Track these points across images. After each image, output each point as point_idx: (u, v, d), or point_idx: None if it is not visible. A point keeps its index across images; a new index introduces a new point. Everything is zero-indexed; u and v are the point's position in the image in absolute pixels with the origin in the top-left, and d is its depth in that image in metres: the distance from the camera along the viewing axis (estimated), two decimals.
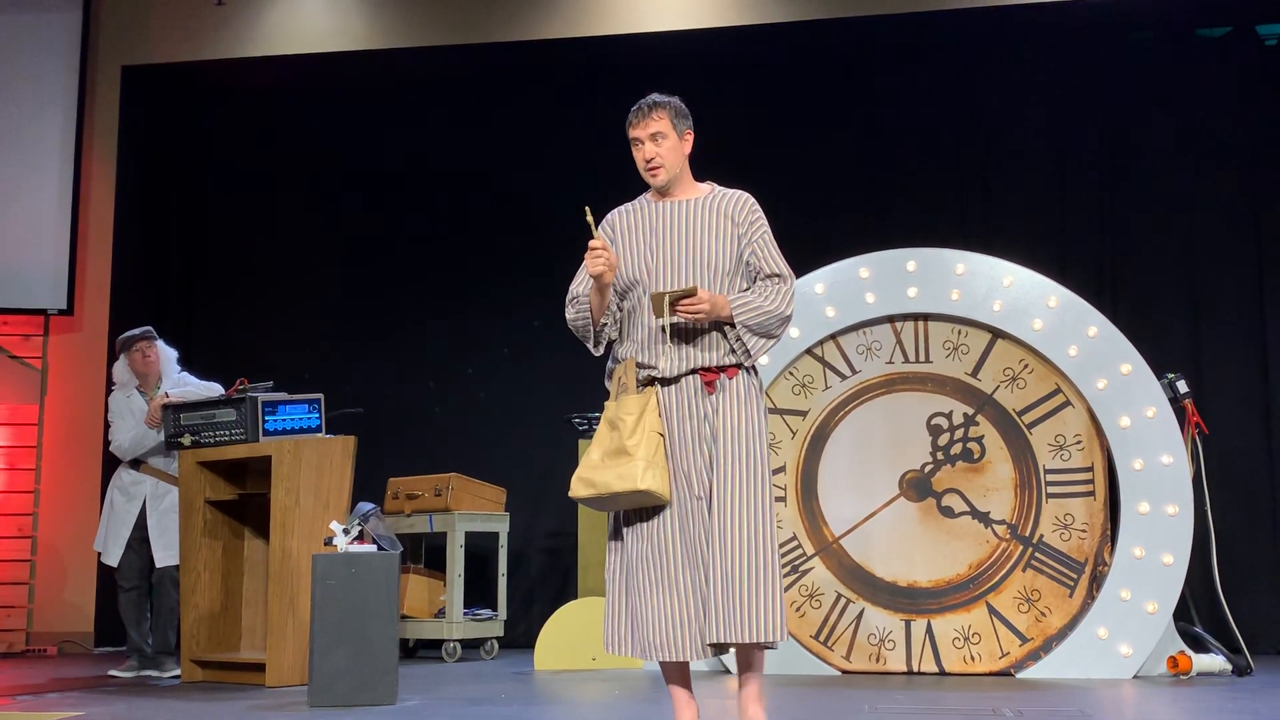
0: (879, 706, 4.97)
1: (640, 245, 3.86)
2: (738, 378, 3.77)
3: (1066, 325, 6.27)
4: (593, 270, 3.73)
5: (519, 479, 7.81)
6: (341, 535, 5.17)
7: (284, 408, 6.05)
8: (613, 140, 8.27)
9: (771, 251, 3.87)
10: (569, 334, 8.92)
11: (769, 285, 3.83)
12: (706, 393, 3.74)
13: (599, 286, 3.79)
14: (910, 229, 7.14)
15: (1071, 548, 6.16)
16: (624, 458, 3.66)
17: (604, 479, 3.68)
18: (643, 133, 3.89)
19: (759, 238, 3.86)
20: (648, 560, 3.69)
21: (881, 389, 6.42)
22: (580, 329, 3.93)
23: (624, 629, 3.74)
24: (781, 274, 3.85)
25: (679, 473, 3.71)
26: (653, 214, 3.90)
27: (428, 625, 7.22)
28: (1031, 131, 8.01)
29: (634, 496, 3.66)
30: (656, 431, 3.70)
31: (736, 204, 3.89)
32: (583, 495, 3.75)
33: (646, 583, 3.69)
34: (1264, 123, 7.75)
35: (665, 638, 3.65)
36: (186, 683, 6.11)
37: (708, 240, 3.81)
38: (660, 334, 3.75)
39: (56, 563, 8.31)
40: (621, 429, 3.69)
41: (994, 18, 7.75)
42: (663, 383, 3.77)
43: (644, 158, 3.89)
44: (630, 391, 3.76)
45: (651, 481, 3.63)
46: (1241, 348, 7.59)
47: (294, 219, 8.83)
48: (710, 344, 3.76)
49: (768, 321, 3.78)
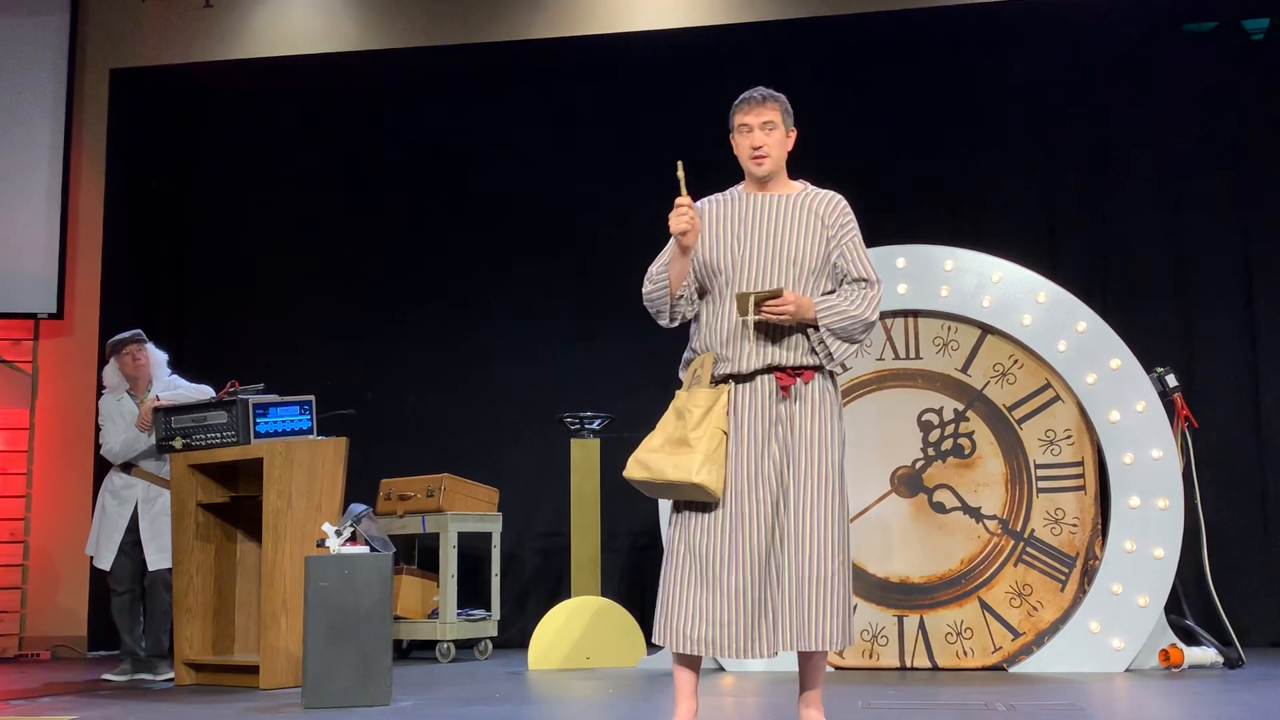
0: (873, 703, 4.98)
1: (728, 235, 3.86)
2: (814, 382, 3.78)
3: (1056, 320, 6.29)
4: (675, 227, 3.72)
5: (512, 479, 7.82)
6: (334, 537, 5.17)
7: (275, 410, 6.04)
8: (605, 138, 8.37)
9: (861, 255, 3.88)
10: (560, 334, 8.96)
11: (855, 289, 3.84)
12: (781, 396, 3.75)
13: (680, 249, 3.78)
14: (899, 226, 7.14)
15: (1063, 542, 6.18)
16: (684, 448, 3.69)
17: (660, 465, 3.71)
18: (754, 120, 3.88)
19: (848, 240, 3.88)
20: (696, 555, 3.72)
21: (872, 385, 6.43)
22: (656, 300, 3.89)
23: (670, 620, 3.74)
24: (869, 279, 3.86)
25: (741, 473, 3.71)
26: (744, 205, 3.90)
27: (421, 626, 7.22)
28: (1020, 127, 8.02)
29: (686, 488, 3.68)
30: (721, 429, 3.71)
31: (828, 204, 3.90)
32: (636, 477, 3.78)
33: (692, 576, 3.71)
34: (1252, 117, 7.77)
35: (702, 633, 3.68)
36: (180, 686, 6.11)
37: (796, 238, 3.82)
38: (742, 330, 3.75)
39: (49, 567, 8.29)
40: (688, 419, 3.72)
41: (982, 15, 7.76)
42: (737, 380, 3.78)
43: (752, 144, 3.87)
44: (704, 384, 3.77)
45: (706, 477, 3.65)
46: (1230, 341, 7.61)
47: (284, 220, 8.82)
48: (791, 343, 3.76)
49: (851, 326, 3.79)
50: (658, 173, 8.11)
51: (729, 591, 3.67)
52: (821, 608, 3.67)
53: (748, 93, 3.92)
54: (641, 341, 7.94)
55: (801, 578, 3.67)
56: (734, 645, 3.67)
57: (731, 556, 3.68)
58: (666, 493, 3.78)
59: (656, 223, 8.80)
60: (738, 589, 3.66)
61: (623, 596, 7.22)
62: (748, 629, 3.67)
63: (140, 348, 6.66)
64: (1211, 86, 7.84)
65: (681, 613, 3.71)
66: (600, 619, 6.67)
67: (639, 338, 7.96)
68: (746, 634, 3.67)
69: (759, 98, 3.90)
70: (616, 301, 8.12)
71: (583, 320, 8.24)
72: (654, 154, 8.23)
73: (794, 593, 3.67)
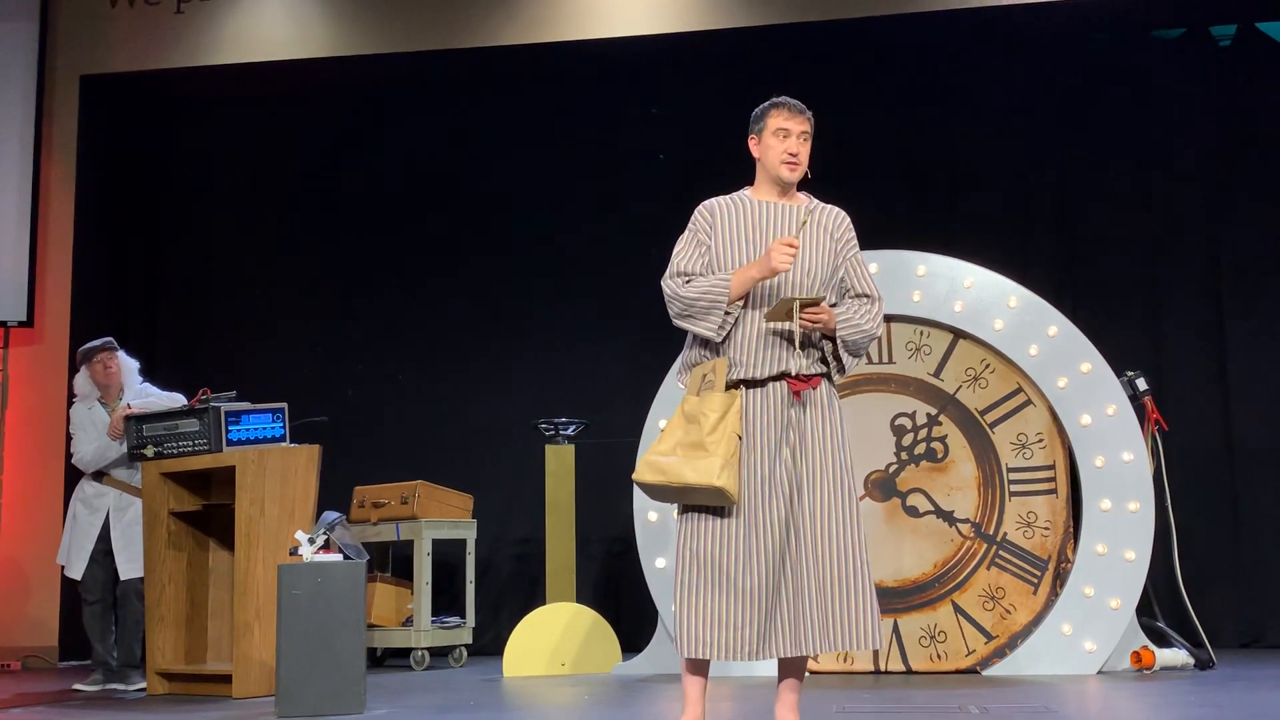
0: (846, 706, 5.00)
1: (741, 240, 3.89)
2: (821, 387, 3.85)
3: (1027, 325, 6.32)
4: (782, 267, 3.71)
5: (486, 486, 7.81)
6: (307, 545, 5.15)
7: (247, 417, 6.02)
8: (580, 144, 8.36)
9: (864, 271, 3.99)
10: (535, 340, 8.92)
11: (860, 304, 3.93)
12: (793, 401, 3.79)
13: (761, 277, 3.78)
14: (871, 231, 7.14)
15: (1035, 545, 6.21)
16: (701, 453, 3.71)
17: (678, 470, 3.73)
18: (797, 127, 3.92)
19: (853, 255, 3.98)
20: (709, 561, 3.74)
21: (846, 390, 6.45)
22: (708, 306, 3.82)
23: (690, 627, 3.75)
24: (872, 295, 3.96)
25: (753, 478, 3.75)
26: (756, 211, 3.93)
27: (395, 634, 7.20)
28: (992, 133, 8.07)
29: (706, 493, 3.71)
30: (736, 433, 3.74)
31: (835, 219, 3.99)
32: (649, 481, 3.80)
33: (706, 582, 3.74)
34: (1220, 123, 7.84)
35: (719, 638, 3.70)
36: (152, 696, 6.07)
37: (811, 249, 3.88)
38: (773, 337, 3.78)
39: (19, 577, 8.23)
40: (702, 424, 3.73)
41: (953, 20, 7.81)
42: (749, 385, 3.81)
43: (790, 150, 3.90)
44: (717, 389, 3.79)
45: (726, 480, 3.68)
46: (1200, 345, 7.68)
47: (256, 227, 8.79)
48: (803, 351, 3.81)
49: (862, 340, 3.89)
50: (633, 178, 8.21)
51: (743, 594, 3.70)
52: (853, 608, 3.71)
53: (783, 98, 3.95)
54: (616, 348, 7.98)
55: (825, 579, 3.72)
56: (747, 648, 3.70)
57: (746, 560, 3.71)
58: (681, 496, 3.79)
59: (631, 228, 8.86)
60: (752, 592, 3.70)
61: (598, 603, 7.22)
62: (761, 632, 3.70)
63: (112, 355, 6.62)
64: (1181, 92, 7.92)
65: (695, 618, 3.74)
66: (575, 625, 6.67)
67: (614, 344, 8.01)
68: (760, 637, 3.70)
69: (799, 107, 3.94)
70: (592, 308, 8.16)
71: (557, 327, 8.25)
72: (629, 159, 8.33)
73: (816, 595, 3.71)
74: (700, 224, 3.95)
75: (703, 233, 3.93)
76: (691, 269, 3.90)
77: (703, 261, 3.90)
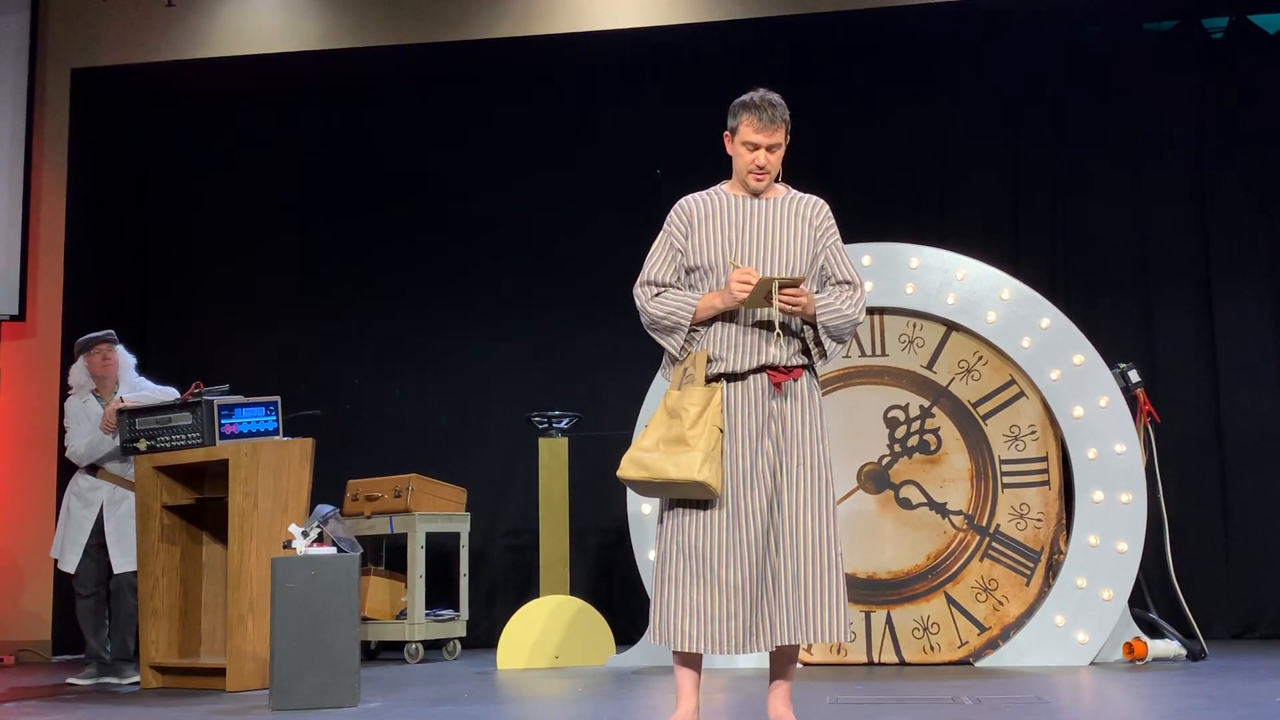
0: (839, 698, 5.01)
1: (718, 235, 3.90)
2: (802, 379, 3.86)
3: (1019, 317, 6.33)
4: (740, 296, 3.71)
5: (479, 479, 7.81)
6: (300, 538, 5.15)
7: (240, 411, 6.02)
8: (571, 137, 8.36)
9: (844, 258, 3.99)
10: (527, 333, 8.93)
11: (842, 291, 3.93)
12: (774, 393, 3.80)
13: (725, 308, 3.79)
14: (864, 223, 7.17)
15: (1028, 537, 6.23)
16: (683, 447, 3.72)
17: (660, 465, 3.73)
18: (764, 140, 3.89)
19: (833, 244, 3.98)
20: (693, 553, 3.75)
21: (838, 383, 6.46)
22: (672, 327, 3.87)
23: (668, 619, 3.76)
24: (854, 281, 3.97)
25: (736, 470, 3.77)
26: (732, 206, 3.93)
27: (389, 627, 7.20)
28: (984, 126, 8.07)
29: (688, 487, 3.72)
30: (718, 427, 3.75)
31: (813, 208, 3.98)
32: (632, 476, 3.81)
33: (689, 575, 3.75)
34: (1211, 115, 7.85)
35: (702, 630, 3.72)
36: (146, 689, 6.07)
37: (786, 240, 3.88)
38: (753, 330, 3.79)
39: (13, 570, 8.22)
40: (683, 418, 3.74)
41: (943, 14, 7.81)
42: (729, 378, 3.81)
43: (757, 163, 3.90)
44: (697, 383, 3.79)
45: (708, 474, 3.68)
46: (1191, 337, 7.69)
47: (248, 220, 8.76)
48: (783, 342, 3.82)
49: (844, 326, 3.89)
50: (622, 171, 8.20)
51: (727, 588, 3.71)
52: (821, 602, 3.73)
53: (757, 100, 3.90)
54: (608, 340, 7.97)
55: (799, 572, 3.73)
56: (733, 641, 3.71)
57: (730, 553, 3.72)
58: (664, 491, 3.81)
59: (620, 221, 8.85)
60: (737, 585, 3.71)
61: (591, 595, 7.21)
62: (746, 625, 3.71)
63: (111, 347, 6.64)
64: (1172, 84, 7.92)
65: (679, 611, 3.74)
66: (569, 618, 6.67)
67: (606, 337, 8.00)
68: (746, 629, 3.71)
69: (774, 117, 3.89)
70: (583, 300, 8.15)
71: (550, 319, 8.24)
72: (619, 153, 8.32)
73: (791, 587, 3.72)
74: (675, 225, 3.95)
75: (677, 236, 3.93)
76: (661, 279, 3.91)
77: (673, 268, 3.91)
